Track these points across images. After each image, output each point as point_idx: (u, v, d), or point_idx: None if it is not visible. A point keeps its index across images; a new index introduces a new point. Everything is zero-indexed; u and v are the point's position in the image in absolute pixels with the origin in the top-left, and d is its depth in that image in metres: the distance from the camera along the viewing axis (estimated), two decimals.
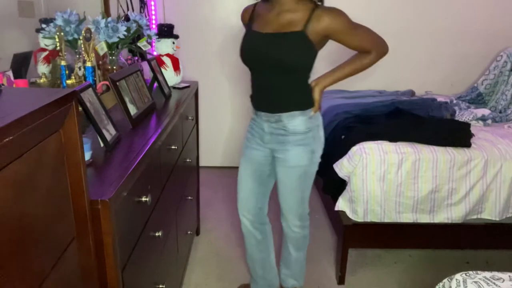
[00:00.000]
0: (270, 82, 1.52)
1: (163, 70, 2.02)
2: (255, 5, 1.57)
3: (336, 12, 1.44)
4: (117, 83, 1.39)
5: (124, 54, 2.15)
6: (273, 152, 1.64)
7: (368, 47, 1.51)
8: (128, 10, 2.51)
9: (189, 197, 2.06)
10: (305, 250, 1.87)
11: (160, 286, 1.41)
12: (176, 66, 2.10)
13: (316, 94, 1.55)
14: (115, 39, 1.65)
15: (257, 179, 1.72)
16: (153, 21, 2.90)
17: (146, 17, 2.34)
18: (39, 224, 0.71)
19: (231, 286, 2.05)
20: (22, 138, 0.63)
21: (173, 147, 1.62)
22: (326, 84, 1.57)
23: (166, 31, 2.05)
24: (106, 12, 2.28)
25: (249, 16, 1.58)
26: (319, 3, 1.47)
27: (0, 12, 1.52)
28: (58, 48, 1.44)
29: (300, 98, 1.54)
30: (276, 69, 1.47)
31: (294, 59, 1.44)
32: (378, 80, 3.23)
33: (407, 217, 2.01)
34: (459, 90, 3.27)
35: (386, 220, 2.01)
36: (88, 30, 1.48)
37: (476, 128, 2.25)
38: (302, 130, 1.55)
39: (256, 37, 1.50)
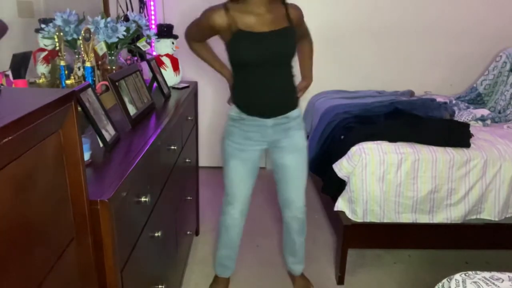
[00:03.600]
0: (280, 80, 1.62)
1: (162, 70, 2.01)
2: (225, 9, 1.53)
3: (298, 6, 1.66)
4: (117, 83, 1.39)
5: (123, 54, 2.15)
6: (272, 144, 1.69)
7: (307, 32, 1.79)
8: (127, 10, 2.51)
9: (189, 197, 2.06)
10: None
11: (160, 286, 1.41)
12: (175, 66, 2.10)
13: (305, 91, 1.82)
14: (115, 39, 1.65)
15: (252, 175, 1.78)
16: (153, 21, 2.90)
17: (145, 17, 2.33)
18: (38, 225, 0.71)
19: (231, 286, 2.05)
20: (21, 139, 0.63)
21: (172, 147, 1.62)
22: (308, 84, 1.85)
23: (165, 31, 2.05)
24: (106, 12, 2.27)
25: (228, 21, 1.53)
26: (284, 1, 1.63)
27: (0, 12, 1.52)
28: (57, 48, 1.44)
29: (294, 88, 1.71)
30: (284, 64, 1.62)
31: (294, 52, 1.62)
32: (378, 81, 3.24)
33: (406, 217, 2.01)
34: (458, 91, 3.27)
35: (386, 220, 2.01)
36: (88, 30, 1.48)
37: (475, 128, 2.25)
38: (298, 114, 1.74)
39: (262, 37, 1.53)
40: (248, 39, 1.54)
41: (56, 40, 1.43)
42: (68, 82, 1.44)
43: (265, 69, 1.58)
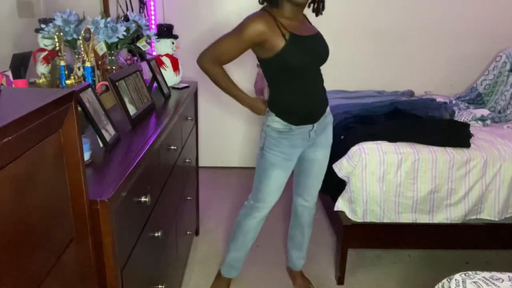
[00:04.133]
0: (320, 80, 1.67)
1: (162, 70, 2.01)
2: (272, 16, 1.48)
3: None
4: (117, 83, 1.39)
5: (123, 54, 2.15)
6: (309, 141, 1.69)
7: None
8: (127, 10, 2.51)
9: (189, 197, 2.06)
10: None
11: (160, 286, 1.41)
12: (175, 66, 2.10)
13: None
14: (115, 39, 1.65)
15: (286, 181, 1.77)
16: (153, 21, 2.90)
17: (145, 17, 2.34)
18: (38, 225, 0.71)
19: (230, 286, 2.05)
20: (21, 139, 0.63)
21: (172, 147, 1.62)
22: None
23: (165, 31, 2.05)
24: (106, 12, 2.27)
25: (277, 25, 1.47)
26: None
27: (0, 12, 1.52)
28: (57, 48, 1.44)
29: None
30: (320, 67, 1.66)
31: None
32: (378, 81, 3.24)
33: (406, 217, 2.02)
34: (458, 91, 3.27)
35: (386, 220, 2.01)
36: (88, 30, 1.48)
37: (475, 128, 2.25)
38: (328, 109, 1.76)
39: (312, 40, 1.58)
40: (302, 43, 1.51)
41: (56, 40, 1.43)
42: (68, 82, 1.44)
43: (311, 72, 1.60)
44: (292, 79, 1.56)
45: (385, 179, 1.95)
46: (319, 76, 1.67)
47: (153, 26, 2.83)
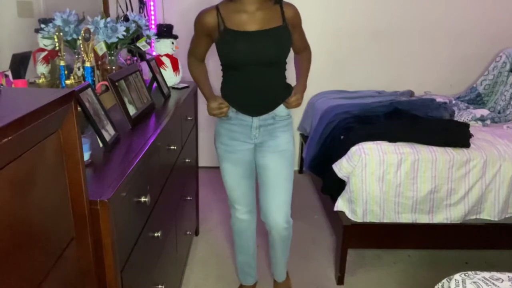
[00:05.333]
0: (267, 79, 1.57)
1: (162, 70, 2.02)
2: (216, 9, 1.52)
3: (294, 6, 1.59)
4: (116, 83, 1.39)
5: (123, 54, 2.15)
6: (257, 145, 1.66)
7: (306, 43, 1.72)
8: (127, 10, 2.51)
9: (188, 198, 2.06)
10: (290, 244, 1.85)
11: (159, 286, 1.41)
12: (175, 67, 2.10)
13: (300, 100, 1.65)
14: (114, 39, 1.65)
15: (249, 176, 1.74)
16: (152, 21, 2.90)
17: (145, 17, 2.33)
18: (38, 224, 0.71)
19: (230, 287, 2.05)
20: (21, 139, 0.63)
21: (172, 147, 1.62)
22: (305, 90, 1.71)
23: (165, 31, 2.05)
24: (105, 12, 2.27)
25: (217, 21, 1.51)
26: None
27: (0, 12, 1.52)
28: (57, 48, 1.44)
29: (284, 89, 1.64)
30: (272, 64, 1.56)
31: (286, 52, 1.57)
32: (377, 81, 3.24)
33: (406, 218, 2.02)
34: (458, 91, 3.27)
35: (385, 220, 2.01)
36: (87, 30, 1.48)
37: (475, 128, 2.25)
38: (286, 114, 1.65)
39: (249, 36, 1.49)
40: (234, 38, 1.50)
41: (56, 40, 1.43)
42: (67, 82, 1.44)
43: (253, 68, 1.53)
44: (229, 71, 1.60)
45: (385, 179, 1.95)
46: (269, 74, 1.56)
47: (153, 26, 2.83)
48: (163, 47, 2.06)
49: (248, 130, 1.62)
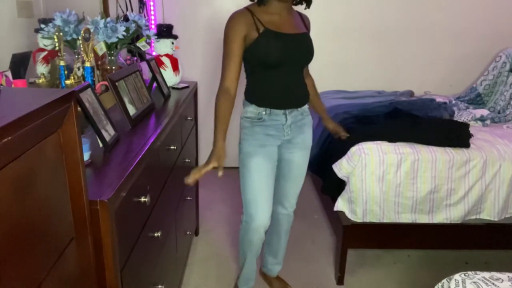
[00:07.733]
0: (297, 78, 1.65)
1: (162, 70, 2.02)
2: (251, 12, 1.53)
3: (307, 16, 1.71)
4: (116, 84, 1.39)
5: (123, 54, 2.15)
6: (286, 142, 1.69)
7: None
8: (127, 10, 2.51)
9: (188, 198, 2.06)
10: None
11: (159, 286, 1.41)
12: (175, 67, 2.10)
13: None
14: (114, 39, 1.65)
15: (272, 176, 1.70)
16: (152, 21, 2.90)
17: (145, 17, 2.33)
18: (38, 224, 0.71)
19: (230, 287, 2.05)
20: (20, 139, 0.63)
21: (172, 147, 1.62)
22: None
23: (165, 31, 2.05)
24: (105, 12, 2.27)
25: (254, 22, 1.52)
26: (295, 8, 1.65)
27: (0, 12, 1.52)
28: (57, 48, 1.44)
29: (306, 88, 1.73)
30: (304, 65, 1.68)
31: (313, 55, 1.66)
32: (377, 81, 3.24)
33: (406, 218, 2.02)
34: (458, 91, 3.27)
35: (385, 220, 2.01)
36: (87, 30, 1.47)
37: (475, 128, 2.25)
38: (307, 109, 1.74)
39: (289, 37, 1.55)
40: (275, 38, 1.53)
41: (56, 40, 1.43)
42: (67, 82, 1.44)
43: (285, 69, 1.57)
44: (264, 70, 1.59)
45: (385, 179, 1.95)
46: (298, 75, 1.65)
47: (153, 26, 2.83)
48: (163, 47, 2.06)
49: (280, 129, 1.65)
